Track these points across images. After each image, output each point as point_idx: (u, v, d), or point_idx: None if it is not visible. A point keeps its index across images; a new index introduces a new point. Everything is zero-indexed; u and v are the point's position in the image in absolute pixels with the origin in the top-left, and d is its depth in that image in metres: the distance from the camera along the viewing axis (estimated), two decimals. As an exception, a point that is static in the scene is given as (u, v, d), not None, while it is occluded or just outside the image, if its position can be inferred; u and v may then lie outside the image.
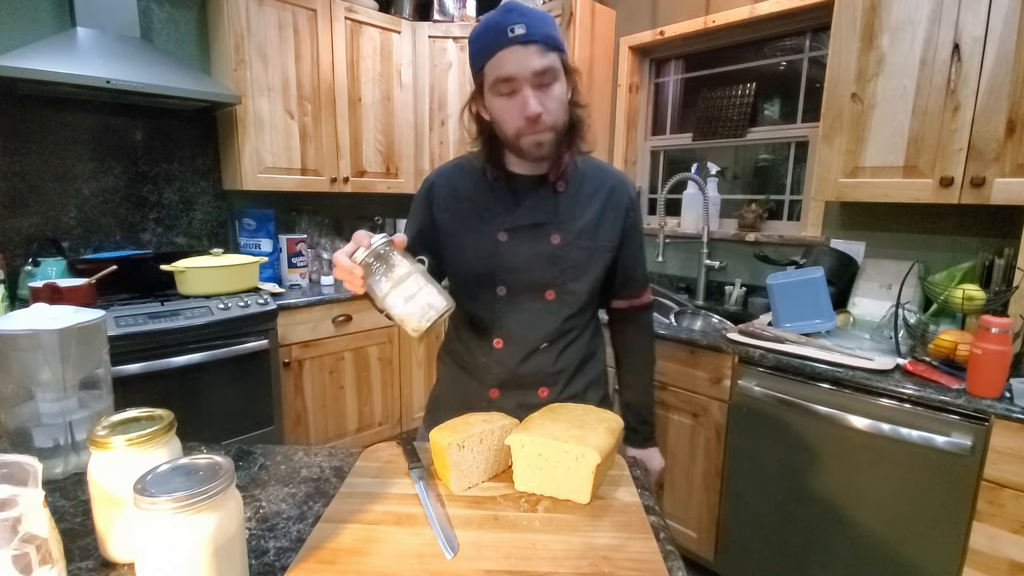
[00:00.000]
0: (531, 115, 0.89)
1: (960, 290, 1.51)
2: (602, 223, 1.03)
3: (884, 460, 1.43)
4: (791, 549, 1.63)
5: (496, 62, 0.89)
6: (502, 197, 1.01)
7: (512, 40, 0.86)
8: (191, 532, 0.51)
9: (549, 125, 0.91)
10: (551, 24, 0.91)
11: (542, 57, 0.88)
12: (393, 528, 0.70)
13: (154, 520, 0.50)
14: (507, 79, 0.89)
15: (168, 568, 0.51)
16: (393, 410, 2.76)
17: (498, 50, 0.88)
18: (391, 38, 2.76)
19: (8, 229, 2.10)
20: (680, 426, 1.88)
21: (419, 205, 1.08)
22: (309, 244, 2.72)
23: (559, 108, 0.92)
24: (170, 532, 0.50)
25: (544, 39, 0.88)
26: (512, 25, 0.86)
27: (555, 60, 0.90)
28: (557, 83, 0.91)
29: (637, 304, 1.16)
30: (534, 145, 0.93)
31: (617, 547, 0.67)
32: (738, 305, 2.25)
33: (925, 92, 1.53)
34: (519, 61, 0.87)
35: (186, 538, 0.50)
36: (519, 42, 0.86)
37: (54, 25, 2.09)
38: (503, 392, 1.05)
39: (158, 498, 0.49)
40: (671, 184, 2.26)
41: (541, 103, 0.89)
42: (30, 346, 0.78)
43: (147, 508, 0.50)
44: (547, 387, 1.05)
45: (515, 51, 0.87)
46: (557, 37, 0.91)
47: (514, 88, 0.89)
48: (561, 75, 0.92)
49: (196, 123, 2.49)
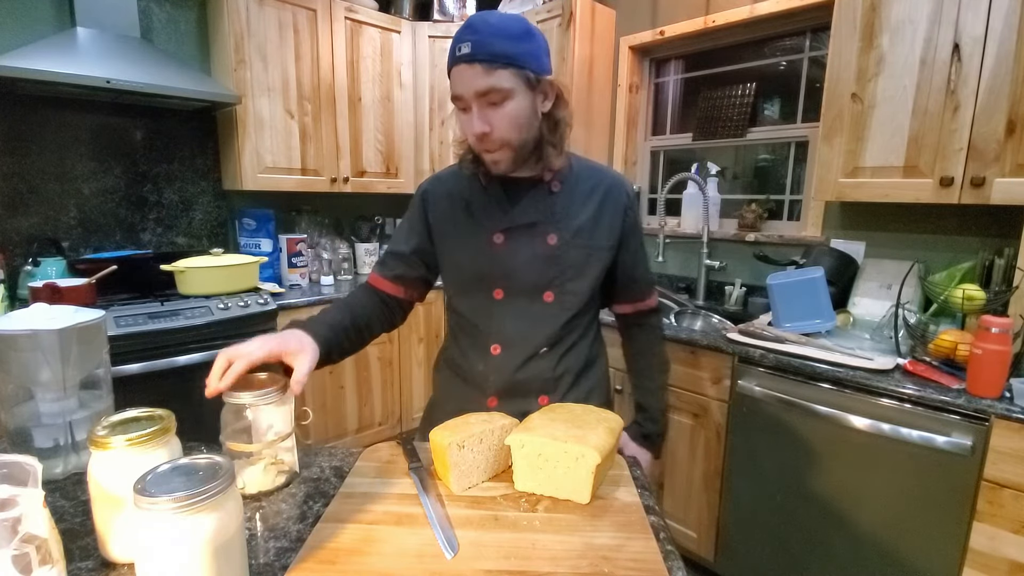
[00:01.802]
0: (475, 133, 0.90)
1: (960, 290, 1.51)
2: (599, 222, 1.02)
3: (884, 460, 1.43)
4: (791, 549, 1.63)
5: (452, 79, 0.90)
6: (496, 198, 1.00)
7: (459, 59, 0.86)
8: (191, 532, 0.51)
9: (498, 143, 0.90)
10: (510, 38, 0.86)
11: (486, 76, 0.85)
12: (393, 528, 0.70)
13: (154, 520, 0.50)
14: (456, 97, 0.90)
15: (168, 568, 0.51)
16: (393, 410, 2.76)
17: (452, 67, 0.89)
18: (391, 38, 2.76)
19: (8, 229, 2.10)
20: (680, 426, 1.88)
21: (414, 213, 1.08)
22: (309, 244, 2.72)
23: (509, 125, 0.89)
24: (170, 532, 0.50)
25: (490, 57, 0.85)
26: (461, 44, 0.86)
27: (505, 78, 0.86)
28: (509, 101, 0.88)
29: (643, 308, 1.14)
30: (490, 162, 0.94)
31: (617, 547, 0.67)
32: (738, 305, 2.25)
33: (925, 92, 1.53)
34: (463, 81, 0.87)
35: (186, 538, 0.51)
36: (464, 61, 0.86)
37: (54, 25, 2.09)
38: (502, 400, 1.02)
39: (158, 498, 0.50)
40: (671, 184, 2.26)
41: (488, 121, 0.88)
42: (30, 346, 0.78)
43: (147, 508, 0.50)
44: (547, 394, 1.03)
45: (461, 70, 0.87)
46: (512, 53, 0.86)
47: (465, 106, 0.90)
48: (517, 92, 0.88)
49: (196, 123, 2.49)
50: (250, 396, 0.76)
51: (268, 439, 0.78)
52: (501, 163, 0.94)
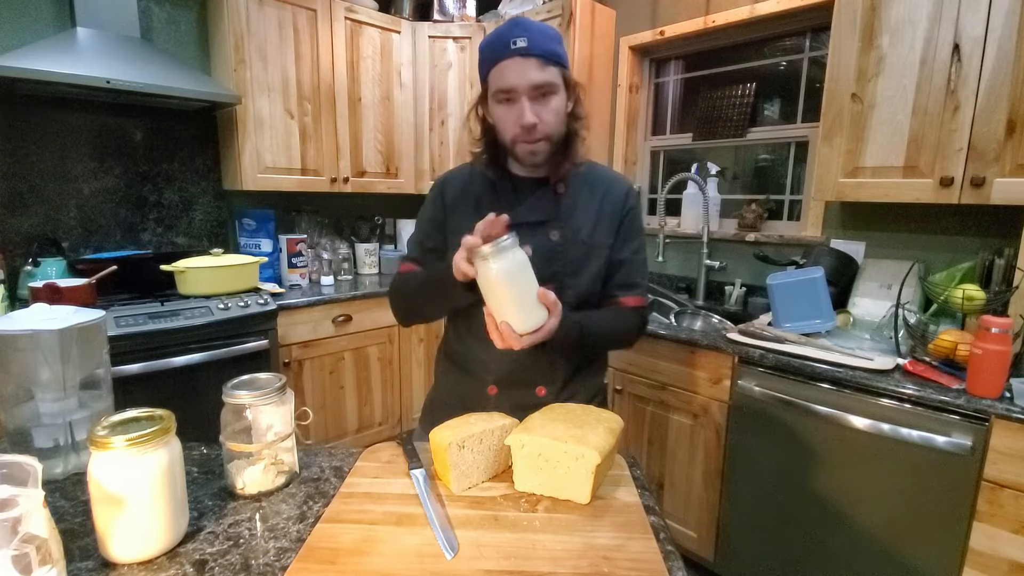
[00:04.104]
0: (526, 124, 0.94)
1: (960, 290, 1.51)
2: (600, 222, 1.05)
3: (884, 460, 1.43)
4: (791, 549, 1.63)
5: (498, 72, 0.94)
6: (505, 196, 1.05)
7: (514, 52, 0.92)
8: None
9: (543, 135, 0.96)
10: (555, 40, 0.94)
11: (541, 71, 0.92)
12: (393, 528, 0.70)
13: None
14: (507, 89, 0.94)
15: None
16: (393, 410, 2.76)
17: (500, 60, 0.93)
18: (391, 38, 2.76)
19: (8, 229, 2.10)
20: (680, 426, 1.88)
21: (431, 201, 1.12)
22: (309, 244, 2.72)
23: (555, 120, 0.96)
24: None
25: (545, 53, 0.92)
26: (515, 38, 0.91)
27: (555, 75, 0.94)
28: (555, 96, 0.95)
29: (626, 305, 1.09)
30: (528, 153, 0.98)
31: (617, 547, 0.67)
32: (738, 305, 2.25)
33: (925, 92, 1.53)
34: (518, 73, 0.92)
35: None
36: (520, 54, 0.91)
37: (54, 25, 2.09)
38: (501, 390, 1.06)
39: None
40: (671, 184, 2.26)
41: (537, 114, 0.94)
42: (30, 346, 0.78)
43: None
44: (544, 385, 1.06)
45: (516, 63, 0.92)
46: (559, 53, 0.95)
47: (512, 98, 0.95)
48: (560, 89, 0.96)
49: (196, 123, 2.49)
50: (250, 396, 0.77)
51: (268, 439, 0.78)
52: (539, 154, 0.99)
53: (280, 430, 0.80)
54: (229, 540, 0.69)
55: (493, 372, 1.06)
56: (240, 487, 0.78)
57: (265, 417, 0.78)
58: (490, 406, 1.02)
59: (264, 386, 0.79)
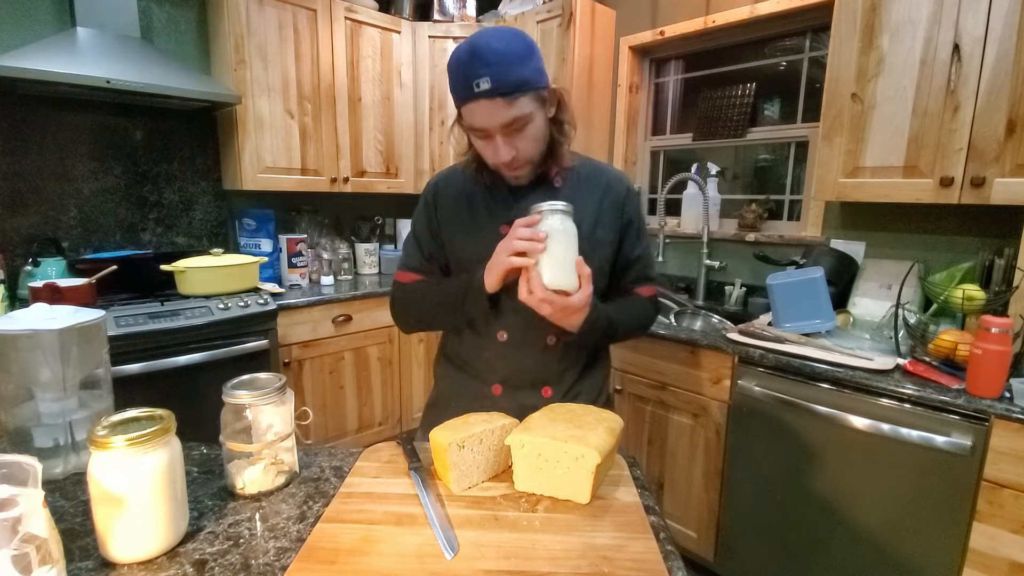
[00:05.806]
0: (503, 162, 0.93)
1: (960, 290, 1.51)
2: (601, 217, 1.04)
3: (884, 460, 1.43)
4: (791, 549, 1.63)
5: (467, 112, 0.90)
6: (501, 195, 1.04)
7: (478, 95, 0.86)
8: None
9: (524, 162, 0.96)
10: (520, 61, 0.86)
11: (509, 108, 0.87)
12: (393, 528, 0.70)
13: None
14: (478, 128, 0.91)
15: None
16: (393, 410, 2.76)
17: (467, 102, 0.89)
18: (391, 38, 2.76)
19: (8, 229, 2.09)
20: (680, 426, 1.88)
21: (423, 207, 1.10)
22: (309, 244, 2.72)
23: (533, 145, 0.95)
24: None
25: (511, 88, 0.85)
26: (478, 80, 0.84)
27: (526, 104, 0.88)
28: (530, 124, 0.91)
29: (646, 294, 1.12)
30: (512, 178, 1.00)
31: (617, 547, 0.67)
32: (738, 305, 2.25)
33: (925, 92, 1.53)
34: (486, 116, 0.88)
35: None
36: (485, 96, 0.85)
37: (54, 25, 2.09)
38: (505, 390, 1.05)
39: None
40: (671, 184, 2.26)
41: (513, 146, 0.92)
42: (30, 346, 0.78)
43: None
44: (551, 386, 1.05)
45: (482, 106, 0.87)
46: (526, 78, 0.87)
47: (486, 135, 0.92)
48: (535, 114, 0.91)
49: (196, 123, 2.49)
50: (250, 396, 0.77)
51: (268, 439, 0.78)
52: (523, 177, 0.99)
53: (280, 430, 0.80)
54: (229, 540, 0.69)
55: (498, 372, 1.05)
56: (240, 487, 0.78)
57: (265, 417, 0.78)
58: (495, 406, 1.01)
59: (264, 386, 0.79)
